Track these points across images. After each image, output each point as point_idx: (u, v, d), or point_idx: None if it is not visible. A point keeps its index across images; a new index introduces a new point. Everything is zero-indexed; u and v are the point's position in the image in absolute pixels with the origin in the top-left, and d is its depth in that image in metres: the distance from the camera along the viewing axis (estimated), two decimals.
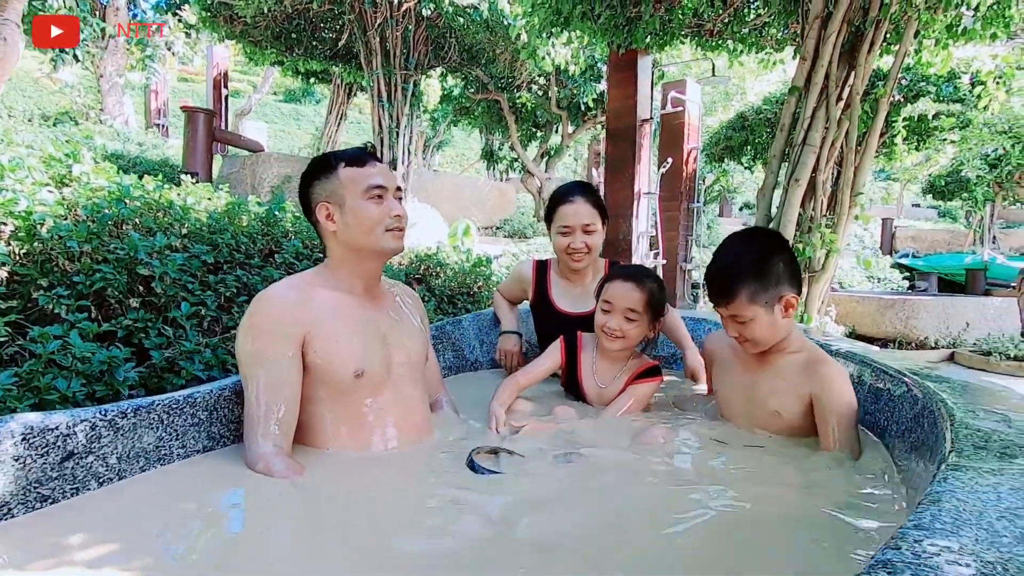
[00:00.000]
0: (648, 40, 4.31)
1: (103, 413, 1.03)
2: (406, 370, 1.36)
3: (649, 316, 1.61)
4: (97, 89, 10.77)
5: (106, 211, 2.10)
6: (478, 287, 4.65)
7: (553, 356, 1.75)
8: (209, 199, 3.15)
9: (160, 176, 3.07)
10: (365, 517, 1.03)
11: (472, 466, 1.21)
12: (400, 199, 1.35)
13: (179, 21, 8.80)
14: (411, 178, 6.68)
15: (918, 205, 21.29)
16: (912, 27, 3.04)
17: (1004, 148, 4.68)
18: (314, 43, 7.17)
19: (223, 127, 11.60)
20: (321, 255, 1.98)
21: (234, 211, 3.08)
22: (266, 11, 5.34)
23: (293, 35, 6.77)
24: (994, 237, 12.00)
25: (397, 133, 6.44)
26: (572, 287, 2.03)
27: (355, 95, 12.42)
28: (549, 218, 1.99)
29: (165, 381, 1.99)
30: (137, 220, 2.31)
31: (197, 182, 5.64)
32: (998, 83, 4.38)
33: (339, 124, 12.43)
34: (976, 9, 3.33)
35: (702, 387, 1.90)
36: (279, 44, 6.95)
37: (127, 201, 2.25)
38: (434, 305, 4.09)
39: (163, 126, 12.82)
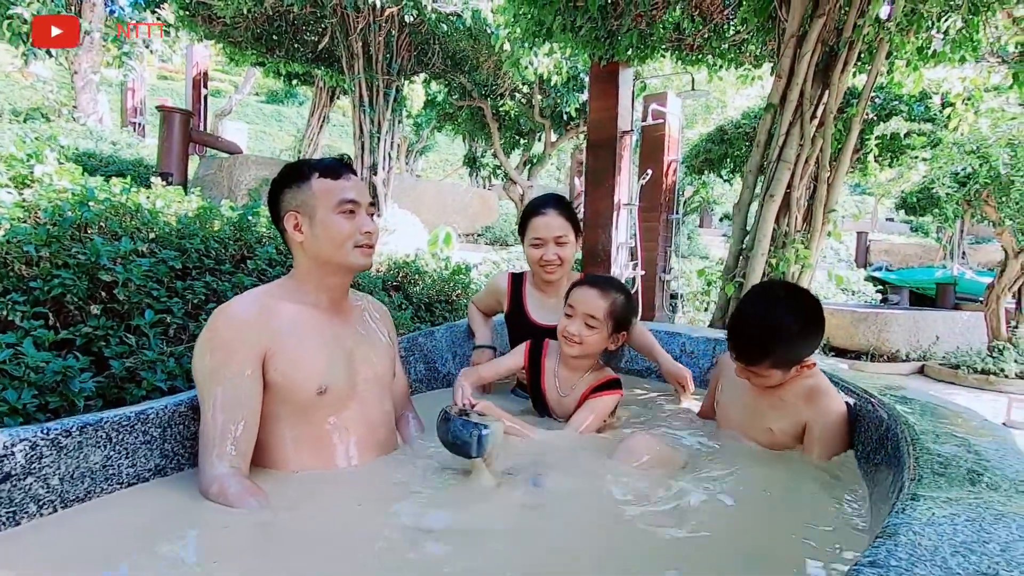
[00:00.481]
0: (629, 53, 4.34)
1: (45, 432, 0.99)
2: (372, 386, 1.33)
3: (610, 326, 1.61)
4: (71, 86, 10.52)
5: (68, 214, 2.03)
6: (456, 295, 4.62)
7: (516, 356, 1.77)
8: (180, 203, 3.08)
9: (130, 178, 2.99)
10: (324, 542, 0.99)
11: (447, 419, 1.21)
12: (372, 215, 1.32)
13: (158, 19, 8.65)
14: (392, 183, 6.62)
15: (892, 219, 21.79)
16: (884, 49, 3.11)
17: (973, 167, 4.81)
18: (295, 45, 7.09)
19: (201, 128, 11.42)
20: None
21: (206, 215, 3.01)
22: (245, 12, 5.26)
23: (274, 37, 6.69)
24: (963, 252, 12.33)
25: (378, 138, 6.39)
26: (546, 299, 2.03)
27: (338, 98, 12.33)
28: (522, 230, 2.00)
29: (125, 392, 1.92)
30: (102, 224, 2.24)
31: (171, 184, 5.53)
32: (967, 104, 4.50)
33: (321, 127, 12.32)
34: (945, 33, 3.43)
35: (688, 403, 1.90)
36: (259, 45, 6.86)
37: (91, 204, 2.18)
38: (411, 313, 4.04)
39: (139, 125, 12.57)
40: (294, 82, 10.47)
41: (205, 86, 12.02)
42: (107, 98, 11.55)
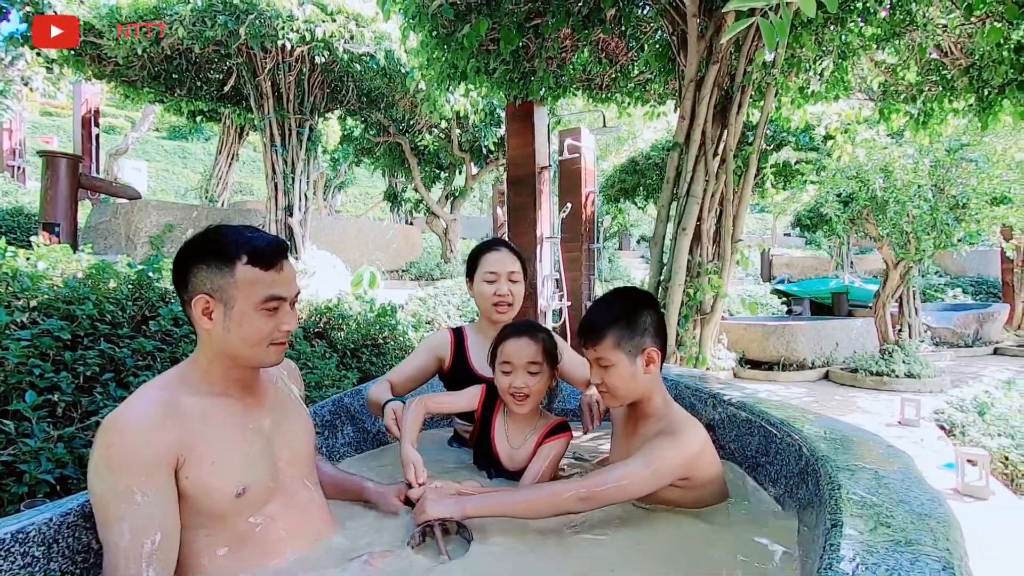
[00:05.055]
0: (543, 92, 4.50)
1: None
2: (296, 471, 1.23)
3: (548, 364, 1.62)
4: None
5: None
6: (384, 338, 4.49)
7: (471, 397, 1.70)
8: (68, 263, 2.79)
9: (3, 241, 2.68)
10: None
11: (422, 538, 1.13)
12: (295, 303, 1.19)
13: (38, 55, 7.96)
14: (309, 224, 6.39)
15: (789, 234, 23.69)
16: (772, 90, 3.41)
17: (854, 190, 5.34)
18: (199, 83, 6.76)
19: (94, 170, 10.56)
20: None
21: (98, 275, 2.75)
22: (140, 52, 4.96)
23: (174, 76, 6.34)
24: (852, 263, 13.60)
25: (293, 178, 6.17)
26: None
27: (247, 135, 11.86)
28: (472, 269, 1.93)
29: (2, 490, 1.68)
30: None
31: (57, 235, 5.03)
32: (845, 136, 5.02)
33: (230, 165, 11.77)
34: (821, 75, 3.82)
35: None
36: (158, 84, 6.48)
37: None
38: (336, 361, 3.88)
39: (19, 168, 11.44)
40: (199, 119, 9.95)
41: (96, 124, 11.13)
42: None
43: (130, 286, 2.88)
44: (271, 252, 1.12)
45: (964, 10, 2.82)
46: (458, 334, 1.99)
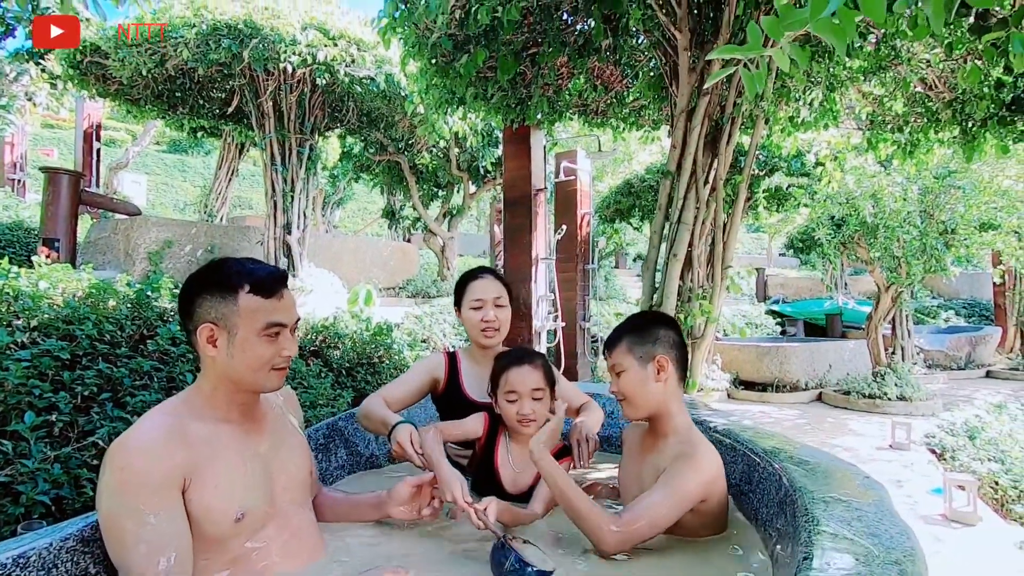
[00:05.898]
0: (539, 117, 4.59)
1: None
2: (291, 495, 1.27)
3: (550, 388, 1.68)
4: None
5: None
6: (379, 357, 4.52)
7: (476, 424, 1.74)
8: (68, 282, 2.83)
9: (6, 259, 2.73)
10: None
11: (503, 558, 1.13)
12: (295, 330, 1.25)
13: (42, 71, 8.07)
14: (307, 242, 6.45)
15: (784, 254, 23.87)
16: (761, 119, 3.50)
17: (846, 214, 5.43)
18: (201, 102, 6.86)
19: (94, 183, 10.63)
20: None
21: (98, 295, 2.78)
22: (144, 73, 5.05)
23: (177, 94, 6.44)
24: (846, 284, 13.71)
25: (292, 197, 6.24)
26: (484, 372, 1.96)
27: (247, 151, 11.96)
28: (460, 297, 1.97)
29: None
30: None
31: (57, 250, 5.08)
32: (835, 163, 5.12)
33: (230, 180, 11.85)
34: (810, 105, 3.92)
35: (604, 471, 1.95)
36: (160, 103, 6.58)
37: None
38: (331, 380, 3.90)
39: (19, 182, 11.50)
40: (200, 134, 10.06)
41: (98, 139, 11.23)
42: None
43: (129, 305, 2.91)
44: (272, 281, 1.18)
45: (945, 48, 2.93)
46: (452, 358, 2.02)
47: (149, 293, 3.02)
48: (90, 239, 6.74)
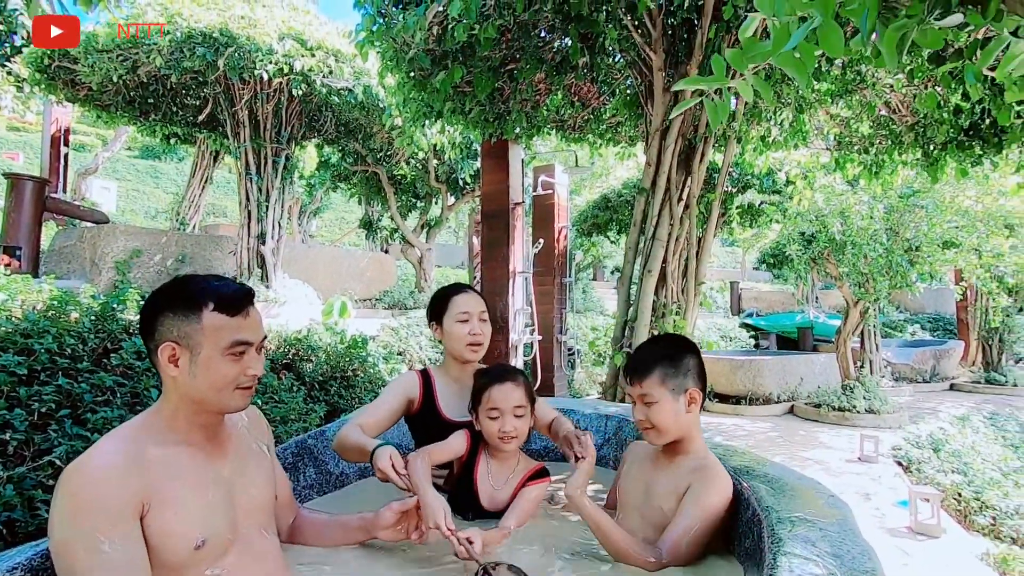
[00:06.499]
0: (517, 131, 4.63)
1: None
2: (254, 520, 1.23)
3: (531, 405, 1.69)
4: None
5: None
6: (353, 370, 4.45)
7: (461, 443, 1.72)
8: (27, 294, 2.73)
9: None
10: None
11: None
12: (262, 348, 1.21)
13: (8, 74, 7.86)
14: (282, 252, 6.35)
15: (758, 268, 24.36)
16: (733, 139, 3.59)
17: (816, 230, 5.57)
18: (175, 109, 6.75)
19: (61, 189, 10.33)
20: None
21: (59, 307, 2.69)
22: (115, 79, 4.95)
23: (149, 101, 6.32)
24: (816, 298, 14.03)
25: (267, 207, 6.15)
26: (461, 391, 1.90)
27: (222, 158, 11.77)
28: (441, 312, 1.94)
29: None
30: None
31: (19, 259, 4.92)
32: (805, 181, 5.26)
33: (203, 187, 11.63)
34: (781, 125, 4.03)
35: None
36: (132, 109, 6.45)
37: None
38: (304, 394, 3.83)
39: None
40: (173, 141, 9.85)
41: (66, 143, 10.88)
42: None
43: (92, 318, 2.82)
44: (237, 299, 1.15)
45: (908, 75, 3.04)
46: (426, 376, 1.99)
47: (115, 306, 2.93)
48: (55, 247, 6.53)
